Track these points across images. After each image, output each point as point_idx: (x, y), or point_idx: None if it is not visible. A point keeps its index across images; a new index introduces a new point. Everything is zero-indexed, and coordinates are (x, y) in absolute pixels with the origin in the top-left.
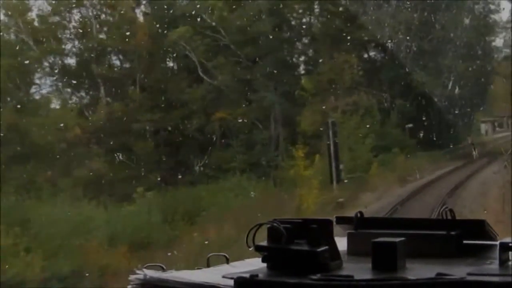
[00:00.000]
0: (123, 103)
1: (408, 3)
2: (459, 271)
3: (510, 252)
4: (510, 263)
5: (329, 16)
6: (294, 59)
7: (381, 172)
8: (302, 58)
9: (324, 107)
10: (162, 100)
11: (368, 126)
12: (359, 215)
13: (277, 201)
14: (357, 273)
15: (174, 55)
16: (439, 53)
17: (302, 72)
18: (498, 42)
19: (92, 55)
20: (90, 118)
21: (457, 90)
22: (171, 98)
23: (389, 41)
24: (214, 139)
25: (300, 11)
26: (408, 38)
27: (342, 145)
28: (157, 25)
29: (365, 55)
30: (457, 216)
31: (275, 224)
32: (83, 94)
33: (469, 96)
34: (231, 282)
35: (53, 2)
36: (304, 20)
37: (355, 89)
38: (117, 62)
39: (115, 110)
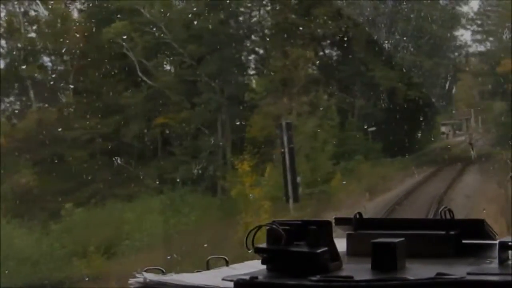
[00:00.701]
0: (55, 109)
1: None
2: (459, 270)
3: (509, 251)
4: (509, 262)
5: (281, 10)
6: (243, 58)
7: (345, 184)
8: (252, 56)
9: (276, 110)
10: (98, 104)
11: (327, 130)
12: (358, 216)
13: (218, 229)
14: (357, 274)
15: (111, 54)
16: (404, 48)
17: (252, 71)
18: (467, 36)
19: (20, 56)
20: (18, 126)
21: (423, 89)
22: (108, 102)
23: (348, 35)
24: (155, 147)
25: (249, 4)
26: (370, 31)
27: (299, 152)
28: (93, 22)
29: (322, 52)
30: None
31: (274, 226)
32: (12, 99)
33: (434, 95)
34: (231, 285)
35: None
36: (253, 14)
37: (311, 88)
38: (49, 64)
39: (46, 116)
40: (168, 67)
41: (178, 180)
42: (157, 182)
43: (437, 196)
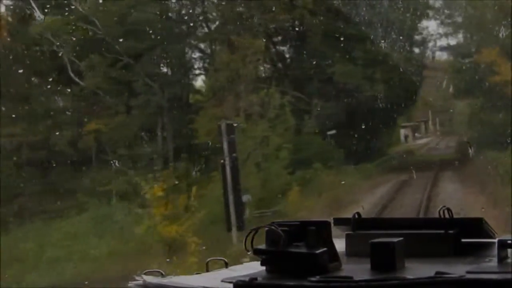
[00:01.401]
0: None
1: None
2: (458, 269)
3: (508, 250)
4: (509, 260)
5: (228, 1)
6: (186, 55)
7: (304, 198)
8: (196, 53)
9: (223, 112)
10: (26, 109)
11: (280, 133)
12: (356, 216)
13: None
14: (356, 274)
15: (40, 52)
16: (366, 40)
17: (197, 70)
18: (432, 28)
19: None
20: None
21: (387, 86)
22: (36, 106)
23: (304, 26)
24: (89, 155)
25: None
26: (329, 22)
27: (247, 162)
28: (19, 18)
29: (274, 46)
30: None
31: (273, 227)
32: None
33: (400, 94)
34: (230, 286)
35: None
36: (198, 6)
37: (262, 87)
38: None
39: None
40: (102, 66)
41: (112, 192)
42: (88, 195)
43: (417, 213)
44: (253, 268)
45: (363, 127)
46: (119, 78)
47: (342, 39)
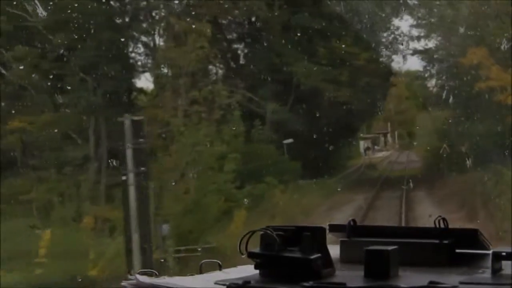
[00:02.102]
0: None
1: None
2: (451, 279)
3: (502, 262)
4: (502, 272)
5: None
6: (125, 47)
7: (252, 223)
8: (140, 48)
9: (164, 112)
10: None
11: (227, 140)
12: (352, 223)
13: None
14: (349, 281)
15: None
16: (331, 37)
17: (140, 66)
18: (404, 28)
19: None
20: None
21: (350, 91)
22: None
23: (259, 21)
24: (13, 157)
25: None
26: (286, 14)
27: (182, 177)
28: None
29: (225, 41)
30: None
31: (268, 231)
32: None
33: (362, 101)
34: None
35: None
36: None
37: (208, 85)
38: None
39: None
40: (31, 58)
41: (34, 201)
42: (9, 204)
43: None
44: (246, 271)
45: (323, 135)
46: (49, 72)
47: (303, 35)
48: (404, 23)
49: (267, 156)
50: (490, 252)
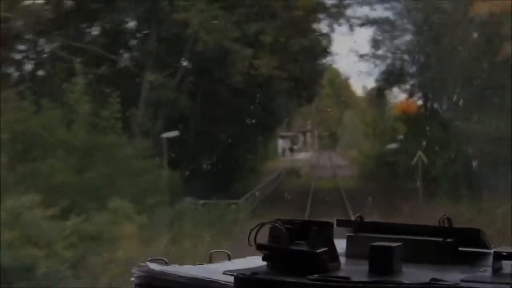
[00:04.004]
0: None
1: None
2: (453, 277)
3: (503, 261)
4: (503, 271)
5: None
6: None
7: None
8: None
9: None
10: None
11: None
12: (359, 218)
13: None
14: (354, 275)
15: None
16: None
17: None
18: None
19: None
20: None
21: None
22: None
23: None
24: None
25: None
26: None
27: None
28: None
29: None
30: None
31: (277, 224)
32: None
33: (286, 87)
34: (231, 279)
35: None
36: None
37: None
38: None
39: None
40: None
41: None
42: None
43: None
44: (255, 262)
45: (227, 127)
46: None
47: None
48: None
49: (125, 159)
50: (492, 251)
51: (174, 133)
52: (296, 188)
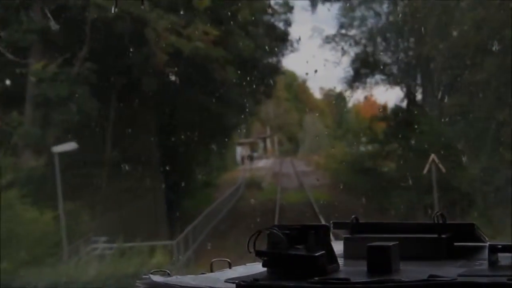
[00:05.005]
0: None
1: None
2: (450, 272)
3: (498, 254)
4: (498, 264)
5: None
6: None
7: None
8: None
9: None
10: None
11: None
12: (355, 220)
13: None
14: (353, 276)
15: None
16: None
17: None
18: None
19: None
20: None
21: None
22: None
23: None
24: None
25: None
26: None
27: None
28: None
29: None
30: None
31: (274, 231)
32: None
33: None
34: (233, 286)
35: None
36: None
37: None
38: None
39: None
40: None
41: None
42: None
43: None
44: (255, 269)
45: (162, 136)
46: None
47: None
48: None
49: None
50: (487, 245)
51: (68, 146)
52: (258, 206)
